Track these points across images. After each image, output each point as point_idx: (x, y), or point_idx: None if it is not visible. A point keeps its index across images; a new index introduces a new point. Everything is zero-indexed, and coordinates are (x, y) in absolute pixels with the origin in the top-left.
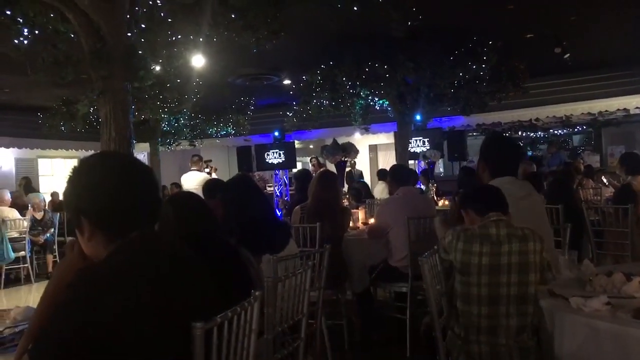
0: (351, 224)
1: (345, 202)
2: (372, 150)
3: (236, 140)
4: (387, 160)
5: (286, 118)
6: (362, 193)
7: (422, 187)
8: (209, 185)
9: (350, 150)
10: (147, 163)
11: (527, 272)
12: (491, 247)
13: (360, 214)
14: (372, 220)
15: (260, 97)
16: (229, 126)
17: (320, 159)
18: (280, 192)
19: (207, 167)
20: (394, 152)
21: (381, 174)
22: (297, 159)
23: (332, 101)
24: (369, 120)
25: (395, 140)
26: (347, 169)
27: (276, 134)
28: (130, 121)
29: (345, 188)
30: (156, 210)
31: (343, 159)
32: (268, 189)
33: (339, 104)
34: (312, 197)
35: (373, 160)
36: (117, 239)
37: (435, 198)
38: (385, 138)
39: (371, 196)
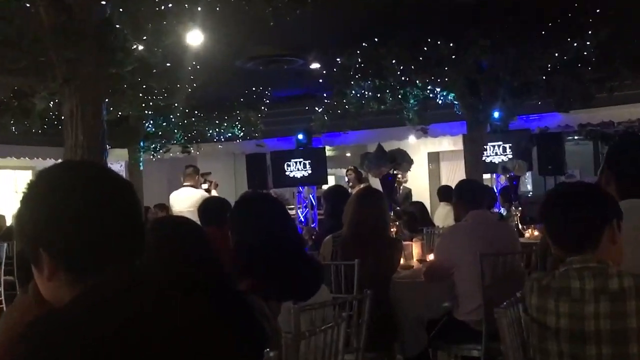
0: (402, 261)
1: (394, 231)
2: (432, 160)
3: (246, 145)
4: (452, 174)
5: (314, 116)
6: (417, 219)
7: (502, 211)
8: (207, 207)
9: (402, 159)
10: (125, 176)
11: (626, 343)
12: (571, 306)
13: (415, 247)
14: (431, 257)
15: (279, 88)
16: (236, 126)
17: (362, 172)
18: (305, 217)
19: (205, 182)
20: (462, 163)
21: (444, 193)
22: (329, 171)
23: (377, 92)
24: (428, 119)
25: (465, 146)
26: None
27: (300, 137)
28: (103, 120)
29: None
30: (138, 240)
31: (392, 171)
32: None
33: (387, 96)
34: (348, 224)
35: (433, 173)
36: (85, 279)
37: (519, 227)
38: (450, 143)
39: (430, 223)
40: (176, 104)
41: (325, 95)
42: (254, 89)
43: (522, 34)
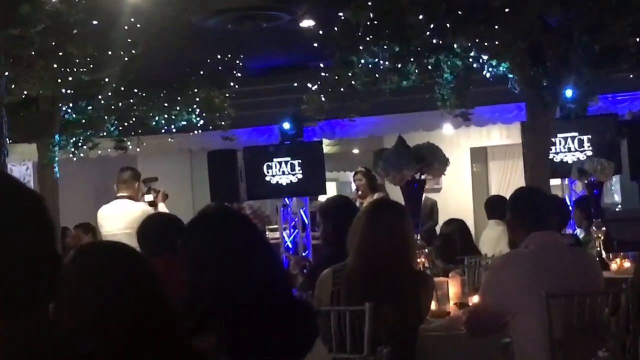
0: (434, 305)
1: (422, 262)
2: (476, 158)
3: (208, 138)
4: (505, 180)
5: (306, 96)
6: (455, 244)
7: (577, 232)
8: (152, 229)
9: (433, 158)
10: (32, 183)
11: None
12: None
13: (453, 285)
14: (475, 299)
15: (256, 56)
16: (193, 112)
17: (376, 176)
18: (293, 243)
19: (149, 192)
20: (519, 163)
21: (494, 208)
22: (328, 175)
23: (397, 61)
24: (471, 100)
25: (524, 139)
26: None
27: (286, 126)
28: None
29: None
30: (49, 278)
31: (418, 176)
32: (269, 234)
33: (410, 67)
34: (355, 253)
35: (479, 178)
36: None
37: (603, 256)
38: (502, 135)
39: (474, 250)
40: (107, 80)
41: (322, 66)
42: (219, 57)
43: None
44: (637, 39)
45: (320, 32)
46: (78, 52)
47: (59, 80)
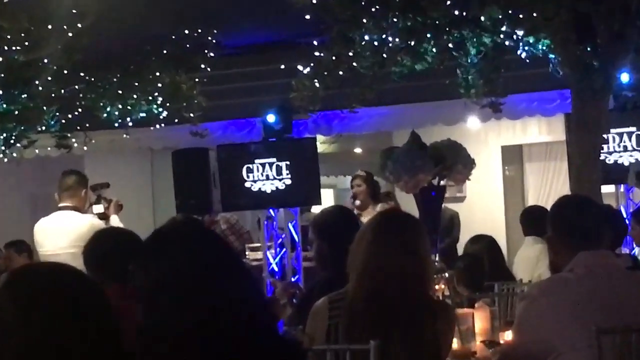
0: (457, 343)
1: (441, 290)
2: (509, 159)
3: (173, 134)
4: (546, 186)
5: (295, 81)
6: (483, 268)
7: (636, 251)
8: (102, 249)
9: (455, 159)
10: None
11: None
12: None
13: (480, 319)
14: (508, 336)
15: (232, 31)
16: (155, 101)
17: (379, 182)
18: (279, 264)
19: (98, 202)
20: (563, 166)
21: (532, 222)
22: (324, 180)
23: (410, 38)
24: (502, 87)
25: (569, 135)
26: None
27: (270, 119)
28: None
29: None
30: None
31: (437, 181)
32: (250, 255)
33: (427, 46)
34: (357, 278)
35: (512, 183)
36: None
37: None
38: (541, 130)
39: (506, 274)
40: (46, 61)
41: (315, 43)
42: (186, 32)
43: None
44: None
45: (314, 1)
46: (9, 25)
47: None
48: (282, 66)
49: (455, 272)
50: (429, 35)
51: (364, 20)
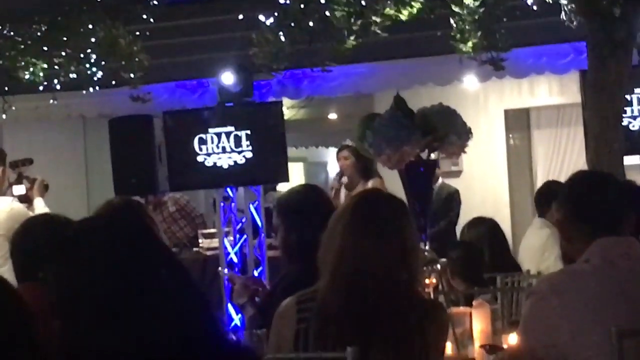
0: (450, 348)
1: (431, 285)
2: (513, 126)
3: (109, 99)
4: (557, 155)
5: (256, 34)
6: (482, 256)
7: None
8: (23, 240)
9: (448, 127)
10: None
11: None
12: None
13: (479, 319)
14: (511, 339)
15: None
16: (87, 59)
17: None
18: (239, 254)
19: (19, 181)
20: (578, 131)
21: (549, 201)
22: (292, 153)
23: None
24: (505, 40)
25: (585, 97)
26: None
27: (226, 79)
28: None
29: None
30: None
31: (427, 155)
32: (203, 243)
33: None
34: (332, 271)
35: (518, 154)
36: None
37: None
38: (552, 90)
39: (509, 264)
40: None
41: None
42: None
43: None
44: None
45: None
46: None
47: None
48: (241, 16)
49: (449, 263)
50: None
51: None
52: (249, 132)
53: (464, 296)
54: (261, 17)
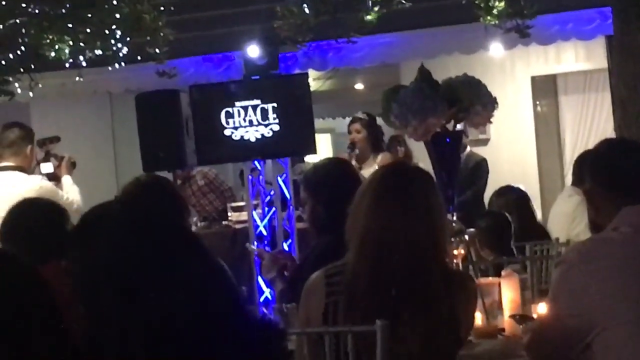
0: (479, 319)
1: (460, 256)
2: (540, 92)
3: (136, 74)
4: (585, 122)
5: (280, 7)
6: (510, 226)
7: None
8: (47, 221)
9: (474, 97)
10: None
11: None
12: None
13: (508, 289)
14: (541, 309)
15: None
16: (113, 35)
17: (381, 127)
18: (268, 227)
19: (47, 159)
20: (606, 97)
21: (580, 170)
22: (319, 124)
23: None
24: (531, 6)
25: (611, 62)
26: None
27: (252, 52)
28: None
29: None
30: None
31: (453, 126)
32: (232, 216)
33: None
34: (359, 245)
35: (545, 121)
36: None
37: None
38: (579, 56)
39: (539, 233)
40: None
41: None
42: None
43: None
44: None
45: None
46: None
47: None
48: None
49: (478, 233)
50: None
51: None
52: (275, 105)
53: (493, 266)
54: None
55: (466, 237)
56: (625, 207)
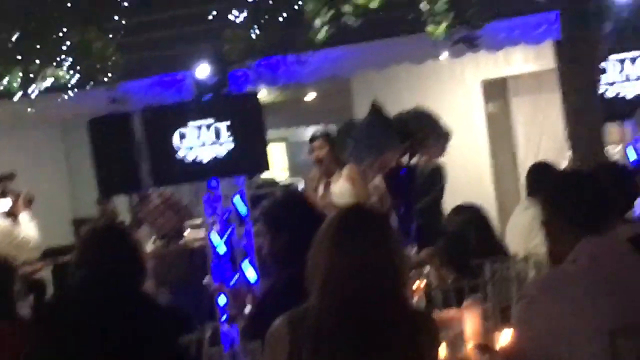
0: (444, 351)
1: (420, 288)
2: (492, 94)
3: (88, 100)
4: (538, 122)
5: (227, 32)
6: (468, 244)
7: None
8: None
9: (427, 130)
10: None
11: None
12: None
13: (471, 320)
14: (503, 336)
15: None
16: (64, 64)
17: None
18: (228, 244)
19: (3, 195)
20: (557, 97)
21: (540, 181)
22: (273, 134)
23: None
24: (478, 15)
25: (560, 65)
26: None
27: (202, 72)
28: None
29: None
30: None
31: (408, 159)
32: (190, 234)
33: None
34: (322, 290)
35: (497, 123)
36: None
37: None
38: (528, 57)
39: (496, 249)
40: None
41: None
42: None
43: None
44: None
45: None
46: None
47: None
48: (214, 12)
49: (436, 252)
50: None
51: None
52: (228, 123)
53: (455, 290)
54: (234, 13)
55: (425, 272)
56: (583, 239)
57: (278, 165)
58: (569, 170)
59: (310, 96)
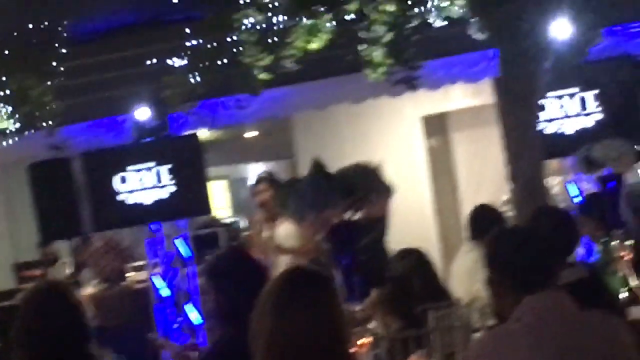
0: None
1: (363, 345)
2: (431, 129)
3: (27, 146)
4: (479, 156)
5: (166, 78)
6: (411, 290)
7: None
8: None
9: (369, 187)
10: None
11: None
12: None
13: None
14: None
15: (88, 14)
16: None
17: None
18: (171, 286)
19: None
20: (497, 131)
21: (483, 226)
22: (215, 172)
23: (298, 14)
24: (416, 57)
25: (499, 102)
26: None
27: (141, 115)
28: None
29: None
30: None
31: (350, 216)
32: (132, 276)
33: (320, 18)
34: (263, 354)
35: (438, 159)
36: None
37: (632, 284)
38: (466, 92)
39: (440, 293)
40: None
41: (188, 31)
42: (30, 26)
43: None
44: None
45: None
46: None
47: None
48: (154, 60)
49: (380, 297)
50: (322, 9)
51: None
52: (170, 166)
53: (400, 340)
54: (173, 60)
55: (371, 325)
56: (526, 297)
57: (220, 204)
58: (508, 227)
59: (251, 134)
